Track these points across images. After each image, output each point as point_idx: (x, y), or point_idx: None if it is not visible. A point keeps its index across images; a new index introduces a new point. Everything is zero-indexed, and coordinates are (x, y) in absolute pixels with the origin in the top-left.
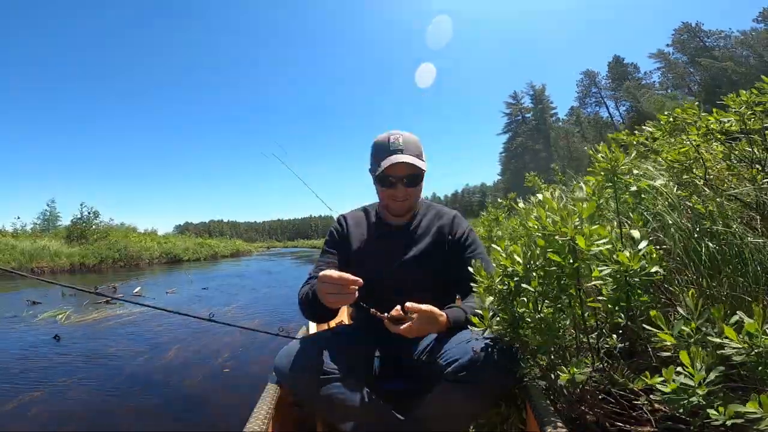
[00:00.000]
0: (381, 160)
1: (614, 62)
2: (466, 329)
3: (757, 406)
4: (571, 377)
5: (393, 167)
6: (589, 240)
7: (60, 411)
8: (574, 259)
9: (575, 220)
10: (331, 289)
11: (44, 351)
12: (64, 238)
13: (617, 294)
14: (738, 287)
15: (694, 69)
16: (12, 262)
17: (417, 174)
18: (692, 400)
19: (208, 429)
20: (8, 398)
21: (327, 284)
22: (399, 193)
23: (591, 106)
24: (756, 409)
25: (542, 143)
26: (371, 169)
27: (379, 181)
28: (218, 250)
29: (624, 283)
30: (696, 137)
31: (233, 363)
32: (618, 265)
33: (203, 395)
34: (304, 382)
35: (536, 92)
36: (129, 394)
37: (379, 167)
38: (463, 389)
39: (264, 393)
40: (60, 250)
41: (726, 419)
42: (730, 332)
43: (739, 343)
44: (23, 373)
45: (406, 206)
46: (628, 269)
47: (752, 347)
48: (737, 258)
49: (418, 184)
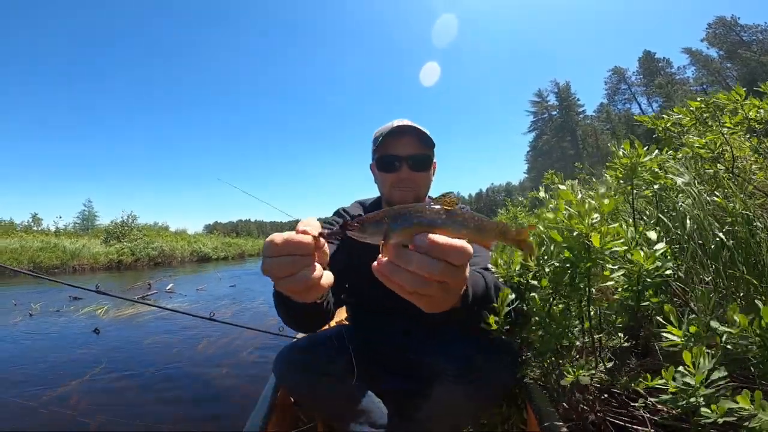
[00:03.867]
0: (381, 138)
1: (645, 57)
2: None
3: (748, 402)
4: (576, 379)
5: (395, 144)
6: (604, 239)
7: (97, 397)
8: (587, 258)
9: (593, 217)
10: (279, 268)
11: (85, 343)
12: (102, 238)
13: (628, 294)
14: (753, 288)
15: (732, 63)
16: (55, 259)
17: (424, 156)
18: (691, 400)
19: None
20: (53, 386)
21: (272, 259)
22: (403, 175)
23: (621, 103)
24: (747, 405)
25: (569, 141)
26: (372, 159)
27: (379, 166)
28: (245, 249)
29: (636, 283)
30: (730, 124)
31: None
32: (631, 264)
33: (228, 386)
34: (303, 382)
35: (560, 90)
36: (158, 383)
37: (380, 146)
38: (464, 389)
39: (264, 393)
40: (99, 249)
41: (717, 417)
42: (743, 319)
43: (750, 334)
44: (66, 363)
45: (412, 196)
46: (641, 270)
47: (763, 339)
48: (755, 258)
49: (425, 169)
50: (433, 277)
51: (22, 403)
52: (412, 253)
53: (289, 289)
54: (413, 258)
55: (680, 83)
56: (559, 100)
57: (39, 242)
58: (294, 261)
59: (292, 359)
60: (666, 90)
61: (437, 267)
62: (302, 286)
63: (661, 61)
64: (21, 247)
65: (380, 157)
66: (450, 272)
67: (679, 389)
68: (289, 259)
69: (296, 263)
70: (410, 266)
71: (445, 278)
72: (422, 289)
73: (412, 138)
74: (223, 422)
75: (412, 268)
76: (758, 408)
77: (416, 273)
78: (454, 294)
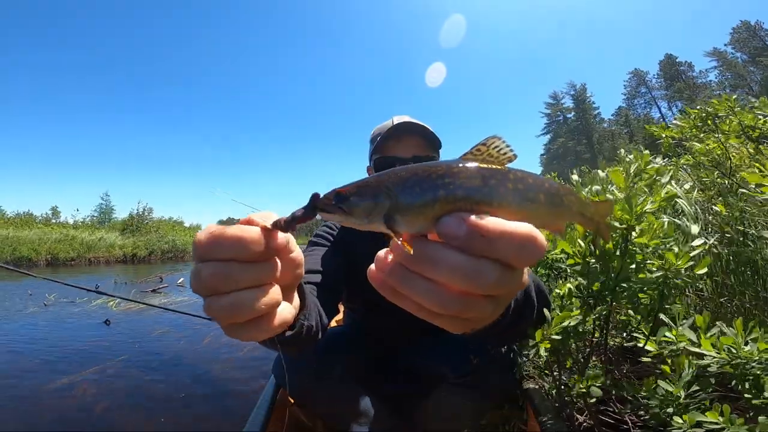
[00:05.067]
0: (380, 137)
1: (666, 61)
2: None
3: (717, 416)
4: (587, 389)
5: (396, 144)
6: (648, 234)
7: (104, 387)
8: (623, 251)
9: (646, 205)
10: (206, 281)
11: (96, 334)
12: (119, 231)
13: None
14: (749, 299)
15: (755, 68)
16: (72, 252)
17: (430, 159)
18: (668, 410)
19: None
20: (62, 375)
21: (199, 265)
22: None
23: (641, 106)
24: (716, 419)
25: (585, 144)
26: (369, 161)
27: (378, 169)
28: None
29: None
30: (726, 132)
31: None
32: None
33: (232, 380)
34: (303, 382)
35: (577, 92)
36: (164, 374)
37: (379, 146)
38: (463, 393)
39: (264, 393)
40: (114, 242)
41: (687, 428)
42: (705, 344)
43: (715, 354)
44: (76, 353)
45: None
46: (671, 268)
47: (732, 358)
48: (751, 269)
49: None
50: (480, 291)
51: (29, 392)
52: (442, 249)
53: (226, 320)
54: (443, 259)
55: (702, 87)
56: (576, 102)
57: (57, 234)
58: (228, 272)
59: (291, 361)
60: (685, 94)
61: (489, 274)
62: (241, 315)
63: (682, 65)
64: (39, 239)
65: (379, 159)
66: (508, 281)
67: (660, 398)
68: (221, 267)
69: (230, 277)
70: (437, 274)
71: (500, 290)
72: (457, 310)
73: (415, 138)
74: (225, 415)
75: (440, 278)
76: (727, 423)
77: (447, 285)
78: (501, 307)
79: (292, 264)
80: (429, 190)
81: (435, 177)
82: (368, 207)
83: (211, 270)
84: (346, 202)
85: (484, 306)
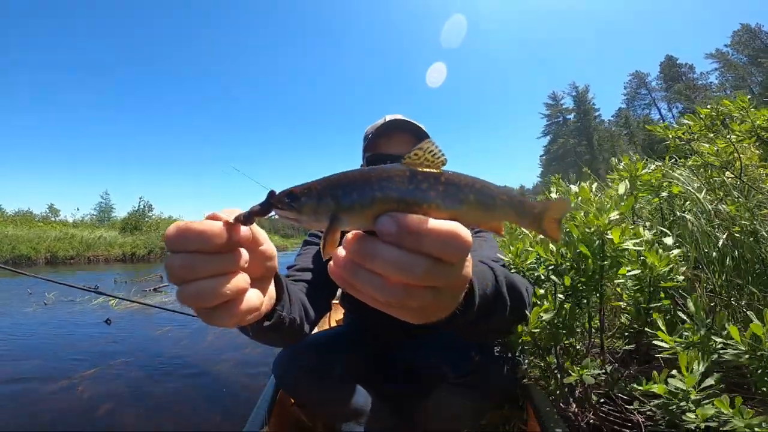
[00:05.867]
0: (372, 135)
1: (667, 62)
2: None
3: (727, 406)
4: (579, 377)
5: (387, 142)
6: (622, 236)
7: (104, 387)
8: (602, 256)
9: (612, 214)
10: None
11: (96, 333)
12: (119, 229)
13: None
14: (757, 297)
15: (756, 69)
16: (71, 250)
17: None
18: (681, 404)
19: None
20: (61, 375)
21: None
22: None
23: (640, 108)
24: (726, 409)
25: (585, 145)
26: (362, 159)
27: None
28: None
29: (649, 285)
30: (738, 133)
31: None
32: (644, 267)
33: (233, 380)
34: (303, 382)
35: (579, 93)
36: (164, 374)
37: (370, 144)
38: (463, 393)
39: (264, 393)
40: (114, 241)
41: (699, 422)
42: (734, 331)
43: (743, 345)
44: (77, 352)
45: None
46: (653, 271)
47: (755, 350)
48: (760, 267)
49: None
50: (414, 282)
51: (29, 392)
52: (378, 244)
53: (194, 306)
54: (379, 253)
55: (702, 89)
56: (577, 103)
57: (57, 232)
58: (193, 263)
59: (291, 361)
60: (685, 95)
61: (418, 266)
62: (206, 301)
63: (683, 67)
64: (38, 237)
65: (370, 157)
66: (440, 272)
67: (669, 393)
68: (187, 258)
69: (195, 266)
70: (377, 266)
71: (433, 281)
72: (399, 299)
73: (406, 135)
74: (225, 415)
75: (380, 270)
76: (737, 413)
77: (387, 276)
78: (451, 298)
79: (262, 256)
80: (368, 192)
81: (374, 180)
82: (314, 207)
83: (179, 261)
84: (297, 202)
85: (423, 295)
